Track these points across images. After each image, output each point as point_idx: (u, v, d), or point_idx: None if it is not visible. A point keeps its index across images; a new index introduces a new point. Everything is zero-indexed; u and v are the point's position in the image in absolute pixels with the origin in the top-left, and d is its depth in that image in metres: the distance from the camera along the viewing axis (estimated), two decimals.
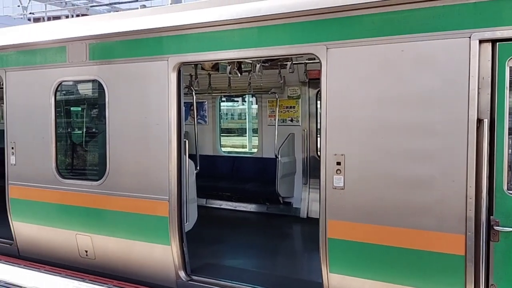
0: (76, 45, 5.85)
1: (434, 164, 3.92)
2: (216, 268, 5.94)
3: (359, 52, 4.19)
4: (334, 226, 4.35)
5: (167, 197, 5.23)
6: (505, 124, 3.72)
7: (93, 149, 6.67)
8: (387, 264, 4.15)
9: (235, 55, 4.98)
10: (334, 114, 4.32)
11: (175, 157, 5.20)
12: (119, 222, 5.61)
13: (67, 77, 6.05)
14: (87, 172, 6.72)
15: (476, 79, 3.74)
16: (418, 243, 3.99)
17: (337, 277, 4.38)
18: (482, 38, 3.72)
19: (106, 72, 5.64)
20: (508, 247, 3.73)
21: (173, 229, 5.21)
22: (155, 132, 5.30)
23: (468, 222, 3.79)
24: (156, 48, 5.26)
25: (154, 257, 5.42)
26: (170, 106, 5.16)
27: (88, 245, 5.90)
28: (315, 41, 4.40)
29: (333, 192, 4.34)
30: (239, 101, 21.07)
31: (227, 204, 9.59)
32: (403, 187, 4.04)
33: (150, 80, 5.32)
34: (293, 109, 9.17)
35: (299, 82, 8.90)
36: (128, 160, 5.54)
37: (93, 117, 6.73)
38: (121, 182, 5.57)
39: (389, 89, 4.09)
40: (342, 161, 4.30)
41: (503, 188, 3.73)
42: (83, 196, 5.85)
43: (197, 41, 5.04)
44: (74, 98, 6.81)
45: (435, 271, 3.95)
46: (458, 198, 3.82)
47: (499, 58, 3.71)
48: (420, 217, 3.98)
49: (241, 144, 18.87)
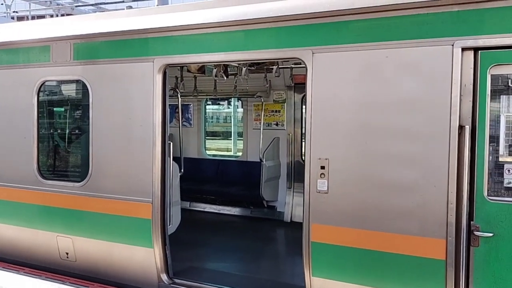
0: (60, 44, 5.79)
1: (417, 169, 3.97)
2: (199, 271, 5.91)
3: (344, 57, 4.23)
4: (317, 230, 4.37)
5: (151, 199, 5.19)
6: (486, 131, 3.79)
7: (76, 150, 6.59)
8: (369, 268, 4.18)
9: (221, 58, 4.98)
10: (318, 118, 4.35)
11: (159, 159, 5.17)
12: (101, 224, 5.55)
13: (51, 76, 5.97)
14: (69, 173, 6.63)
15: (458, 86, 3.81)
16: (400, 247, 4.03)
17: (319, 281, 4.39)
18: (465, 46, 3.79)
19: (90, 73, 5.59)
20: (488, 252, 3.79)
21: (156, 231, 5.17)
22: (139, 134, 5.26)
23: (449, 227, 3.85)
24: (142, 49, 5.23)
25: (136, 260, 5.37)
26: (155, 107, 5.13)
27: (69, 247, 5.82)
28: (301, 46, 4.43)
29: (317, 196, 4.36)
30: (225, 104, 21.08)
31: (211, 207, 9.56)
32: (386, 192, 4.08)
33: (135, 81, 5.29)
34: (279, 113, 9.20)
35: (284, 86, 8.94)
36: (111, 162, 5.49)
37: (77, 117, 6.65)
38: (104, 183, 5.51)
39: (373, 95, 4.13)
40: (326, 165, 4.32)
41: (483, 194, 3.79)
42: (65, 197, 5.77)
43: (183, 43, 5.03)
44: (57, 98, 6.73)
45: (416, 276, 3.99)
46: (440, 203, 3.87)
47: (481, 66, 3.78)
48: (402, 222, 4.02)
49: (226, 148, 18.85)
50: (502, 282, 3.75)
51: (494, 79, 3.84)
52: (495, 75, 3.81)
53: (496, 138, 3.88)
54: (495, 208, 3.75)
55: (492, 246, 3.76)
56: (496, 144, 3.89)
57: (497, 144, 3.90)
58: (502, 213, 3.73)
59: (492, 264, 3.77)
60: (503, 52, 3.72)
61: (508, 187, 3.82)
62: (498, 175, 3.86)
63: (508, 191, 3.84)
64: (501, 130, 3.89)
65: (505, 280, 3.74)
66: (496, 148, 3.89)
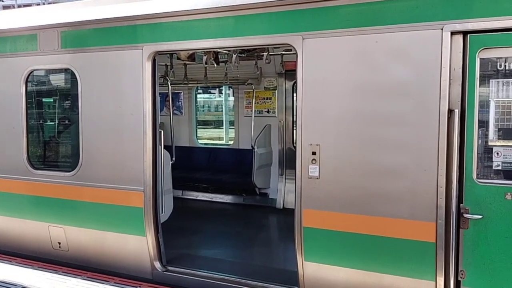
0: (47, 33, 5.71)
1: (407, 153, 3.99)
2: (192, 258, 5.93)
3: (334, 43, 4.22)
4: (309, 215, 4.40)
5: (142, 187, 5.18)
6: (475, 114, 3.82)
7: (66, 139, 6.55)
8: (361, 252, 4.22)
9: (211, 45, 4.94)
10: (309, 104, 4.35)
11: (150, 148, 5.15)
12: (92, 213, 5.54)
13: (39, 65, 5.90)
14: (59, 163, 6.59)
15: (448, 70, 3.82)
16: (391, 231, 4.07)
17: (312, 265, 4.44)
18: (454, 30, 3.79)
19: (78, 61, 5.53)
20: (477, 234, 3.84)
21: (148, 220, 5.18)
22: (129, 122, 5.23)
23: (439, 210, 3.89)
24: (131, 36, 5.17)
25: (129, 248, 5.38)
26: (145, 95, 5.10)
27: (61, 236, 5.81)
28: (291, 31, 4.41)
29: (309, 181, 4.38)
30: (216, 93, 21.01)
31: (204, 195, 9.58)
32: (377, 176, 4.11)
33: (124, 69, 5.24)
34: (270, 101, 9.19)
35: (275, 73, 8.93)
36: (101, 151, 5.46)
37: (66, 106, 6.59)
38: (95, 172, 5.49)
39: (363, 80, 4.13)
40: (317, 151, 4.34)
41: (472, 177, 3.83)
42: (56, 187, 5.74)
43: (172, 30, 4.98)
44: (46, 87, 6.66)
45: (407, 258, 4.04)
46: (429, 187, 3.91)
47: (470, 49, 3.80)
48: (393, 206, 4.06)
49: (218, 137, 18.83)
50: (491, 263, 3.81)
51: (483, 63, 3.86)
52: (484, 59, 3.82)
53: (486, 122, 3.90)
54: (484, 190, 3.80)
55: (481, 228, 3.82)
56: (486, 127, 3.92)
57: (487, 128, 3.92)
58: (491, 196, 3.78)
59: (482, 246, 3.83)
60: (492, 35, 3.73)
61: (497, 169, 3.86)
62: (487, 158, 3.89)
63: (497, 174, 3.88)
64: (490, 113, 3.91)
65: (494, 261, 3.80)
66: (486, 131, 3.92)
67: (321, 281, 4.41)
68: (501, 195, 3.75)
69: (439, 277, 3.93)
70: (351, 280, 4.27)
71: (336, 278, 4.33)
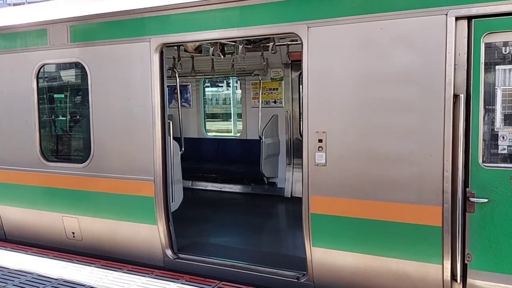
0: (57, 27, 5.80)
1: (413, 139, 4.03)
2: (203, 246, 6.04)
3: (339, 31, 4.25)
4: (316, 201, 4.46)
5: (153, 177, 5.28)
6: (480, 99, 3.84)
7: (77, 132, 6.66)
8: (368, 237, 4.28)
9: (217, 36, 5.00)
10: (315, 92, 4.40)
11: (160, 138, 5.24)
12: (105, 203, 5.66)
13: (49, 60, 6.00)
14: (71, 155, 6.72)
15: (453, 56, 3.84)
16: (398, 215, 4.13)
17: (320, 251, 4.51)
18: (458, 15, 3.81)
19: (87, 54, 5.62)
20: (483, 217, 3.88)
21: (159, 209, 5.28)
22: (139, 114, 5.32)
23: (445, 194, 3.93)
24: (138, 29, 5.24)
25: (141, 237, 5.49)
26: (153, 87, 5.18)
27: (74, 226, 5.94)
28: (296, 20, 4.44)
29: (316, 168, 4.44)
30: (224, 86, 21.08)
31: (213, 185, 9.68)
32: (383, 162, 4.16)
33: (132, 62, 5.32)
34: (276, 91, 9.24)
35: (281, 64, 8.96)
36: (112, 142, 5.56)
37: (77, 99, 6.70)
38: (106, 164, 5.60)
39: (368, 67, 4.17)
40: (323, 138, 4.39)
41: (478, 161, 3.87)
42: (68, 178, 5.86)
43: (179, 21, 5.04)
44: (57, 81, 6.77)
45: (414, 242, 4.10)
46: (436, 172, 3.95)
47: (475, 34, 3.81)
48: (399, 191, 4.11)
49: (226, 129, 18.93)
50: (497, 246, 3.85)
51: (488, 47, 3.87)
52: (489, 43, 3.84)
53: (491, 106, 3.92)
54: (490, 174, 3.83)
55: (487, 212, 3.86)
56: (491, 111, 3.95)
57: (492, 112, 3.95)
58: (497, 179, 3.81)
59: (488, 229, 3.87)
60: (496, 20, 3.74)
61: (503, 153, 3.89)
62: (492, 142, 3.92)
63: (502, 158, 3.91)
64: (495, 98, 3.93)
65: (500, 244, 3.84)
66: (491, 115, 3.95)
67: (329, 266, 4.48)
68: (507, 179, 3.78)
69: (445, 260, 3.99)
70: (359, 265, 4.34)
71: (343, 263, 4.40)
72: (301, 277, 4.70)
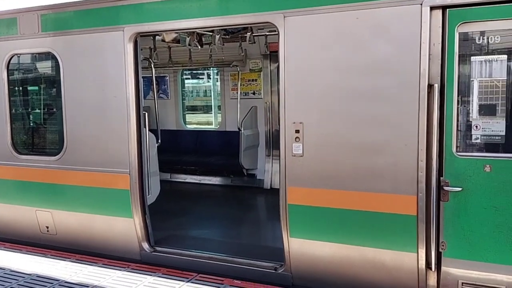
0: (27, 16, 5.64)
1: (388, 129, 4.05)
2: (181, 238, 5.99)
3: (316, 20, 4.23)
4: (293, 192, 4.45)
5: (128, 170, 5.19)
6: (454, 89, 3.86)
7: (50, 124, 6.51)
8: (345, 227, 4.30)
9: (193, 25, 4.91)
10: (291, 83, 4.37)
11: (135, 130, 5.15)
12: (79, 197, 5.55)
13: (19, 50, 5.84)
14: (44, 147, 6.56)
15: (427, 46, 3.85)
16: (373, 205, 4.15)
17: (297, 241, 4.51)
18: (433, 4, 3.82)
19: (59, 44, 5.48)
20: (457, 206, 3.93)
21: (135, 201, 5.20)
22: (113, 105, 5.22)
23: (420, 183, 3.96)
24: (111, 18, 5.13)
25: (117, 230, 5.41)
26: (127, 77, 5.08)
27: (48, 221, 5.82)
28: (272, 9, 4.40)
29: (293, 159, 4.43)
30: (204, 78, 20.91)
31: (192, 178, 9.61)
32: (359, 152, 4.17)
33: (105, 52, 5.21)
34: (255, 82, 9.19)
35: (260, 55, 8.90)
36: (86, 134, 5.45)
37: (49, 90, 6.54)
38: (80, 156, 5.49)
39: (344, 57, 4.16)
40: (300, 129, 4.37)
41: (452, 150, 3.90)
42: (41, 171, 5.74)
43: (153, 10, 4.94)
44: (28, 72, 6.59)
45: (390, 232, 4.12)
46: (410, 161, 3.98)
47: (449, 24, 3.83)
48: (374, 181, 4.13)
49: (207, 122, 18.82)
50: (471, 234, 3.90)
51: (464, 39, 3.89)
52: (463, 33, 3.86)
53: (465, 96, 3.95)
54: (464, 163, 3.87)
55: (461, 200, 3.90)
56: (465, 101, 3.97)
57: (466, 102, 3.98)
58: (471, 168, 3.85)
59: (462, 218, 3.92)
60: (470, 9, 3.76)
61: (476, 142, 3.93)
62: (467, 131, 3.95)
63: (476, 147, 3.95)
64: (470, 88, 3.96)
65: (474, 232, 3.89)
66: (465, 105, 3.98)
67: (306, 256, 4.49)
68: (480, 168, 3.82)
69: (420, 249, 4.03)
70: (336, 255, 4.36)
71: (320, 253, 4.41)
72: (278, 267, 4.70)
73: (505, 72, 3.80)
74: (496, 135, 3.84)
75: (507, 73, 3.80)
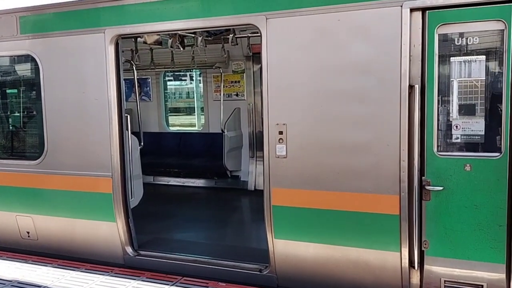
0: (5, 18, 5.54)
1: (370, 129, 4.08)
2: (165, 242, 5.95)
3: (298, 22, 4.24)
4: (277, 193, 4.46)
5: (110, 173, 5.14)
6: (434, 89, 3.92)
7: (29, 127, 6.40)
8: (328, 227, 4.32)
9: (175, 26, 4.89)
10: (274, 84, 4.38)
11: (117, 133, 5.10)
12: (61, 201, 5.47)
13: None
14: (24, 151, 6.45)
15: (408, 47, 3.90)
16: (357, 205, 4.18)
17: (282, 243, 4.52)
18: (413, 6, 3.87)
19: (39, 46, 5.40)
20: (438, 205, 3.98)
21: (118, 205, 5.15)
22: (94, 108, 5.16)
23: (402, 183, 4.01)
24: (92, 20, 5.07)
25: (99, 234, 5.34)
26: (109, 80, 5.03)
27: (29, 226, 5.72)
28: (255, 12, 4.40)
29: (276, 161, 4.43)
30: (187, 80, 20.82)
31: (175, 180, 9.56)
32: (342, 153, 4.20)
33: (86, 54, 5.14)
34: (238, 84, 9.19)
35: (243, 56, 8.91)
36: (67, 138, 5.37)
37: (29, 93, 6.42)
38: (61, 160, 5.41)
39: (327, 58, 4.18)
40: (284, 130, 4.38)
41: (433, 150, 3.96)
42: (21, 176, 5.64)
43: (135, 12, 4.90)
44: (7, 75, 6.47)
45: (373, 231, 4.16)
46: (392, 161, 4.02)
47: (429, 25, 3.89)
48: (357, 181, 4.16)
49: (190, 123, 18.74)
50: (452, 233, 3.96)
51: (443, 40, 3.95)
52: (443, 34, 3.92)
53: (446, 97, 4.01)
54: (445, 163, 3.93)
55: (442, 199, 3.96)
56: (446, 102, 4.03)
57: (447, 102, 4.04)
58: (451, 168, 3.91)
59: (443, 216, 3.97)
60: (449, 11, 3.82)
61: (456, 142, 3.99)
62: (447, 131, 4.01)
63: (456, 146, 4.01)
64: (450, 88, 4.02)
65: (455, 231, 3.95)
66: (446, 105, 4.04)
67: (291, 257, 4.50)
68: (460, 167, 3.89)
69: (403, 248, 4.07)
70: (320, 255, 4.38)
71: (305, 253, 4.43)
72: (263, 269, 4.70)
73: (483, 72, 3.87)
74: (476, 134, 3.90)
75: (485, 73, 3.87)
